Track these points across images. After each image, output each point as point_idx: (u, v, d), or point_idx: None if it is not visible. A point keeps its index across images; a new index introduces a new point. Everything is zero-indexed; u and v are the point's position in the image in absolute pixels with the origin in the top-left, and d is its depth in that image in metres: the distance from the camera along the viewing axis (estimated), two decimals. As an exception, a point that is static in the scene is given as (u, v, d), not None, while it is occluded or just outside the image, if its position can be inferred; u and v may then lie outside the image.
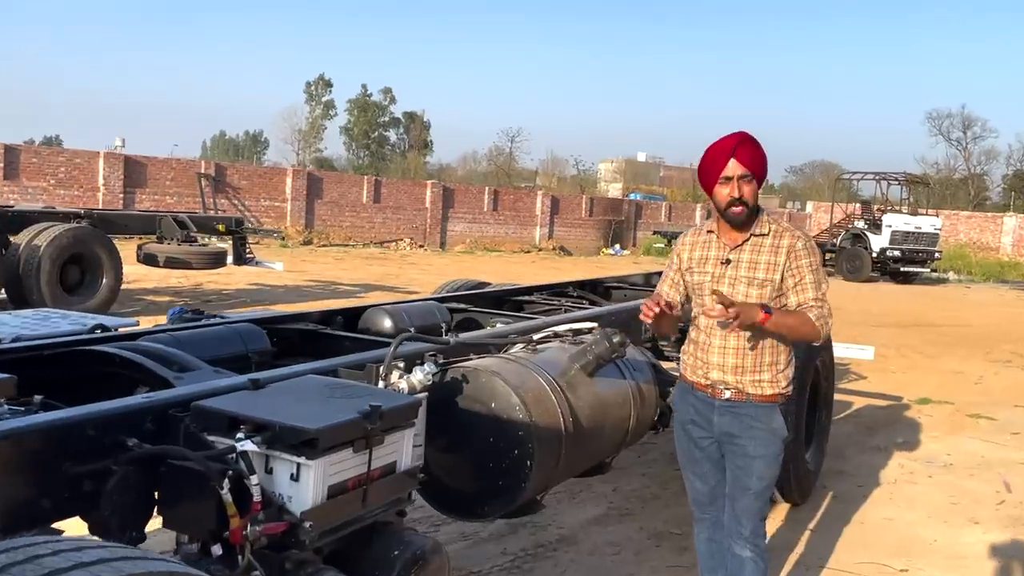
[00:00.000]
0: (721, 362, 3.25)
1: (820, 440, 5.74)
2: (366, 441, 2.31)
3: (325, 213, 29.05)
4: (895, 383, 10.24)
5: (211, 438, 2.25)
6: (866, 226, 29.58)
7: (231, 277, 15.38)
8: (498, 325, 4.26)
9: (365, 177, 32.18)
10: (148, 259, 11.29)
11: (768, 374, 3.23)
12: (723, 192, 3.20)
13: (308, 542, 2.18)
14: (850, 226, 30.76)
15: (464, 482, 3.07)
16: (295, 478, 2.19)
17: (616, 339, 3.38)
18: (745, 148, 3.18)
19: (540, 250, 34.48)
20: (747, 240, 3.24)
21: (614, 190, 69.67)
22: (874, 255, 28.55)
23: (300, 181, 28.47)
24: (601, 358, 3.38)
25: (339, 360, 2.96)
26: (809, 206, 58.79)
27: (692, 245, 3.38)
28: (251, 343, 3.38)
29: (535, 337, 3.70)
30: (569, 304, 5.56)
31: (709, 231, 3.34)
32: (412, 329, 4.16)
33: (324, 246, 27.32)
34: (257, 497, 2.15)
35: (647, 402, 3.80)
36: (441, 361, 3.12)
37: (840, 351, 7.87)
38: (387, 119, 77.40)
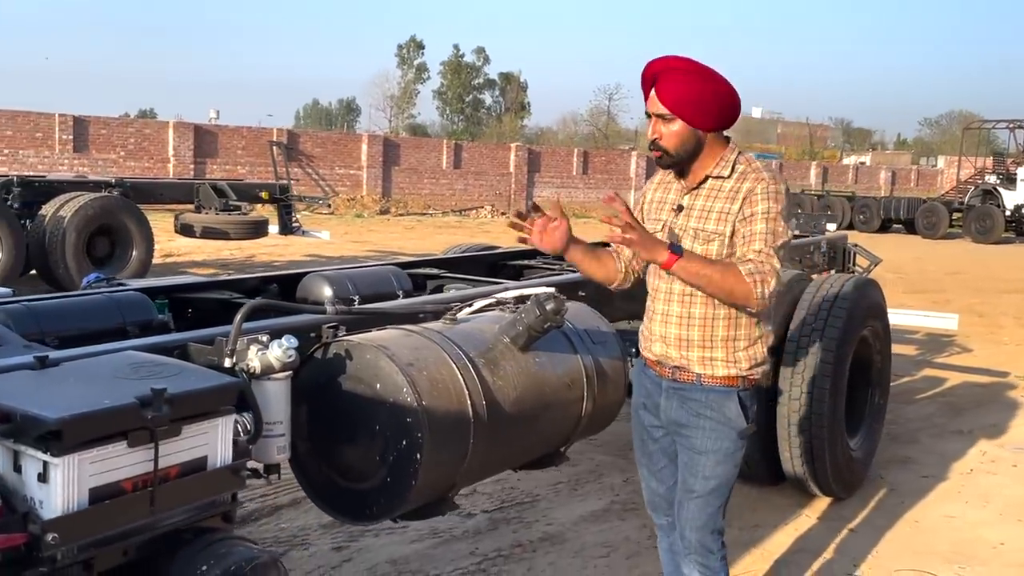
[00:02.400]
0: (664, 332, 2.81)
1: (872, 424, 5.15)
2: (150, 433, 1.97)
3: (403, 180, 29.07)
4: (1006, 357, 9.41)
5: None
6: (998, 181, 27.79)
7: (287, 248, 15.41)
8: (451, 291, 3.88)
9: (444, 141, 32.05)
10: (185, 229, 11.30)
11: (722, 351, 2.74)
12: (647, 131, 2.77)
13: (56, 556, 1.86)
14: (980, 182, 28.98)
15: (348, 478, 2.71)
16: (43, 479, 1.87)
17: (550, 306, 2.94)
18: (669, 80, 2.65)
19: (635, 215, 33.74)
20: (703, 182, 2.75)
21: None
22: (1007, 213, 26.82)
23: (376, 147, 28.52)
24: (533, 329, 2.95)
25: (188, 334, 2.64)
26: (940, 161, 56.03)
27: (657, 185, 2.94)
28: (131, 314, 3.09)
29: (479, 305, 3.30)
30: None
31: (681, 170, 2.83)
32: (356, 299, 3.83)
33: (401, 215, 27.34)
34: (-7, 502, 1.84)
35: (609, 380, 3.34)
36: (328, 334, 2.79)
37: (918, 320, 7.19)
38: (481, 81, 77.18)
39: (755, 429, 2.85)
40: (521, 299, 3.27)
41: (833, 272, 6.46)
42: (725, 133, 2.77)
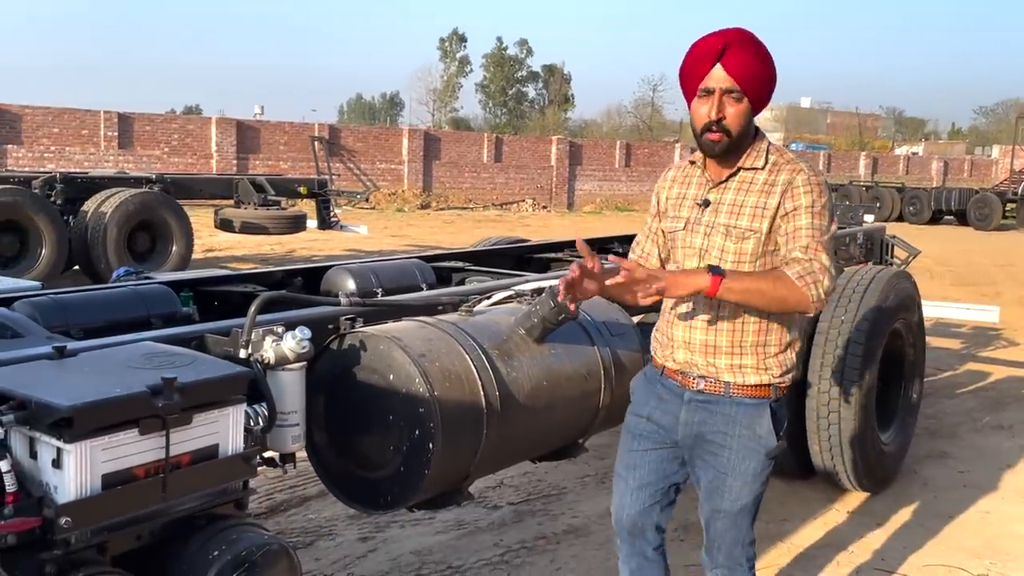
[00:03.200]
0: (687, 338, 2.60)
1: (905, 418, 5.10)
2: (161, 421, 2.04)
3: (443, 174, 29.19)
4: (1055, 350, 9.22)
5: (-18, 416, 2.03)
6: (1055, 170, 27.15)
7: (327, 243, 15.59)
8: (472, 283, 3.93)
9: (485, 135, 32.12)
10: (224, 224, 11.50)
11: (752, 358, 2.55)
12: (700, 110, 2.49)
13: (70, 540, 1.94)
14: (1036, 171, 28.35)
15: (363, 467, 2.77)
16: (57, 465, 1.95)
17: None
18: (738, 52, 2.43)
19: (678, 208, 33.54)
20: (734, 175, 2.55)
21: (773, 140, 66.62)
22: (1063, 204, 26.21)
23: (416, 141, 28.67)
24: (548, 321, 2.99)
25: (205, 326, 2.72)
26: (995, 150, 54.89)
27: (672, 181, 2.73)
28: (155, 307, 3.18)
29: (496, 298, 3.35)
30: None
31: (692, 162, 2.69)
32: (379, 291, 3.90)
33: (442, 209, 27.47)
34: (11, 487, 1.93)
35: (628, 372, 3.36)
36: (345, 326, 2.85)
37: (957, 312, 7.09)
38: (524, 73, 77.19)
39: (785, 447, 2.65)
40: (538, 291, 3.31)
41: (869, 264, 6.40)
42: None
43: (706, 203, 2.59)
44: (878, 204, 28.03)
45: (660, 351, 2.72)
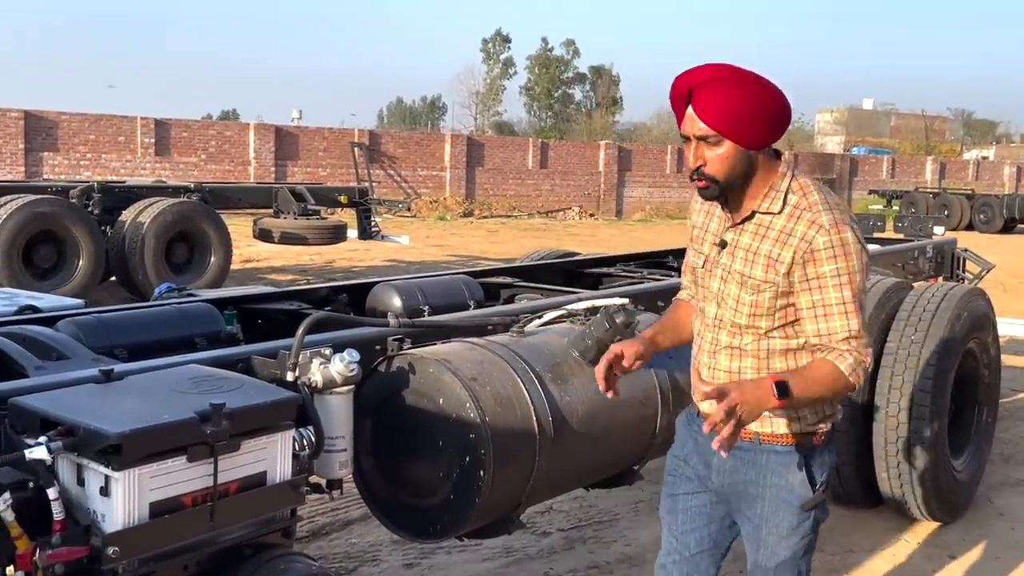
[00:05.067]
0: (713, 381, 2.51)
1: (979, 444, 5.02)
2: (209, 448, 2.08)
3: (487, 181, 29.29)
4: None
5: (30, 441, 2.09)
6: None
7: (368, 253, 15.72)
8: (523, 302, 3.94)
9: (531, 140, 32.21)
10: (263, 235, 11.65)
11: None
12: (687, 157, 2.39)
13: (118, 570, 1.98)
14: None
15: (411, 494, 2.80)
16: (105, 492, 1.99)
17: (619, 319, 2.98)
18: (706, 93, 2.28)
19: (733, 215, 33.34)
20: (749, 218, 2.41)
21: (833, 144, 66.42)
22: None
23: (459, 147, 28.81)
24: (602, 343, 2.99)
25: (252, 347, 2.76)
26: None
27: (700, 208, 2.60)
28: (199, 326, 3.24)
29: (548, 317, 3.36)
30: (659, 275, 5.13)
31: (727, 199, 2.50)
32: (426, 309, 3.93)
33: (485, 217, 27.56)
34: (59, 515, 1.97)
35: (686, 395, 3.35)
36: (393, 347, 2.88)
37: (1017, 329, 6.97)
38: (571, 75, 77.18)
39: (824, 498, 2.52)
40: (592, 311, 3.31)
41: (940, 279, 6.32)
42: (775, 147, 2.44)
43: (723, 244, 2.48)
44: (946, 212, 27.62)
45: (693, 392, 2.57)
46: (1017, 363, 8.92)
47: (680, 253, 5.99)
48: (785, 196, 2.38)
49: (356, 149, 26.36)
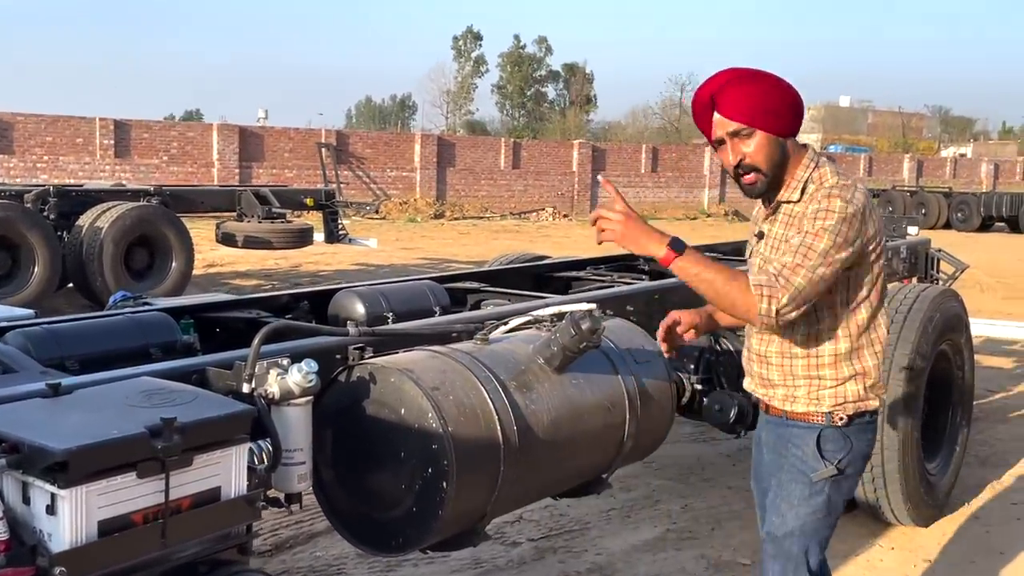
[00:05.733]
0: (749, 369, 2.91)
1: (953, 446, 5.08)
2: (160, 464, 2.07)
3: (458, 182, 29.31)
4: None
5: (-28, 459, 2.06)
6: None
7: (335, 257, 15.67)
8: (489, 308, 3.94)
9: (502, 140, 32.25)
10: (226, 239, 11.58)
11: (804, 390, 2.72)
12: (726, 159, 2.66)
13: (63, 591, 1.96)
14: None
15: (373, 507, 2.79)
16: (51, 511, 1.97)
17: (585, 324, 2.98)
18: (728, 94, 2.58)
19: (708, 215, 33.54)
20: (778, 208, 2.71)
21: (810, 142, 66.31)
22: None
23: (429, 147, 28.82)
24: (568, 350, 3.00)
25: (207, 358, 2.74)
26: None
27: (758, 207, 2.90)
28: (154, 336, 3.21)
29: (514, 324, 3.36)
30: (628, 279, 5.15)
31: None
32: (390, 316, 3.92)
33: (456, 219, 27.56)
34: (3, 535, 1.95)
35: (654, 402, 3.38)
36: (354, 356, 2.87)
37: (1010, 331, 7.06)
38: (544, 73, 77.31)
39: (835, 474, 2.71)
40: (558, 317, 3.32)
41: (914, 280, 6.38)
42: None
43: (760, 235, 2.79)
44: (923, 211, 27.93)
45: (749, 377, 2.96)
46: (993, 363, 9.04)
47: (637, 256, 6.04)
48: (804, 186, 2.64)
49: (323, 150, 26.31)
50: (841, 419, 2.70)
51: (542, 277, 5.26)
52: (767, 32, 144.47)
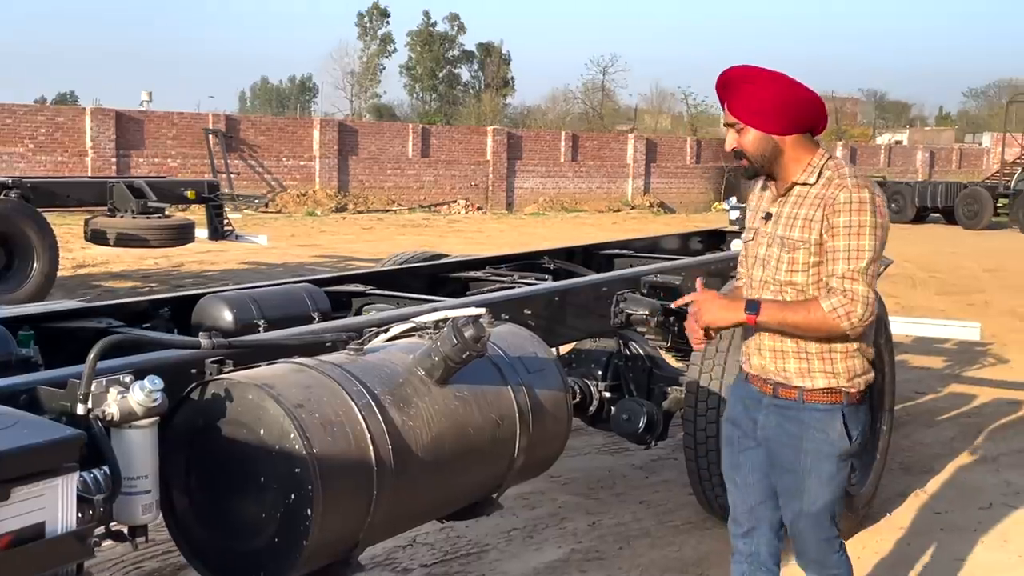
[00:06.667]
0: (758, 343, 3.20)
1: (874, 454, 5.18)
2: (-29, 499, 1.98)
3: (362, 172, 29.09)
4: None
5: None
6: (1050, 161, 27.96)
7: (222, 255, 15.41)
8: (371, 313, 3.90)
9: (410, 126, 32.09)
10: (96, 237, 11.25)
11: (818, 361, 3.09)
12: (727, 140, 3.22)
13: None
14: (1029, 162, 29.18)
15: (232, 537, 2.72)
16: None
17: (468, 332, 2.95)
18: (734, 90, 3.10)
19: (633, 207, 33.90)
20: (790, 189, 3.15)
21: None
22: (1060, 199, 27.00)
23: (330, 134, 28.53)
24: (450, 360, 2.97)
25: (37, 376, 2.65)
26: (987, 139, 56.39)
27: (756, 194, 3.35)
28: (-16, 350, 3.08)
29: (395, 331, 3.32)
30: (532, 279, 5.15)
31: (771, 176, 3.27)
32: (261, 324, 3.84)
33: (360, 212, 27.37)
34: None
35: (548, 414, 3.36)
36: (212, 371, 2.80)
37: (933, 330, 7.25)
38: (457, 53, 77.27)
39: (858, 449, 3.20)
40: (442, 323, 3.28)
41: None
42: (816, 138, 3.20)
43: (768, 216, 3.20)
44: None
45: (743, 356, 3.32)
46: (922, 363, 9.30)
47: (558, 253, 6.06)
48: (820, 171, 3.08)
49: (211, 136, 25.84)
50: (855, 396, 3.13)
51: (437, 278, 5.22)
52: (695, 12, 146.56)
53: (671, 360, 5.54)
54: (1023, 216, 27.47)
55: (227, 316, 3.82)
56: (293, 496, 2.60)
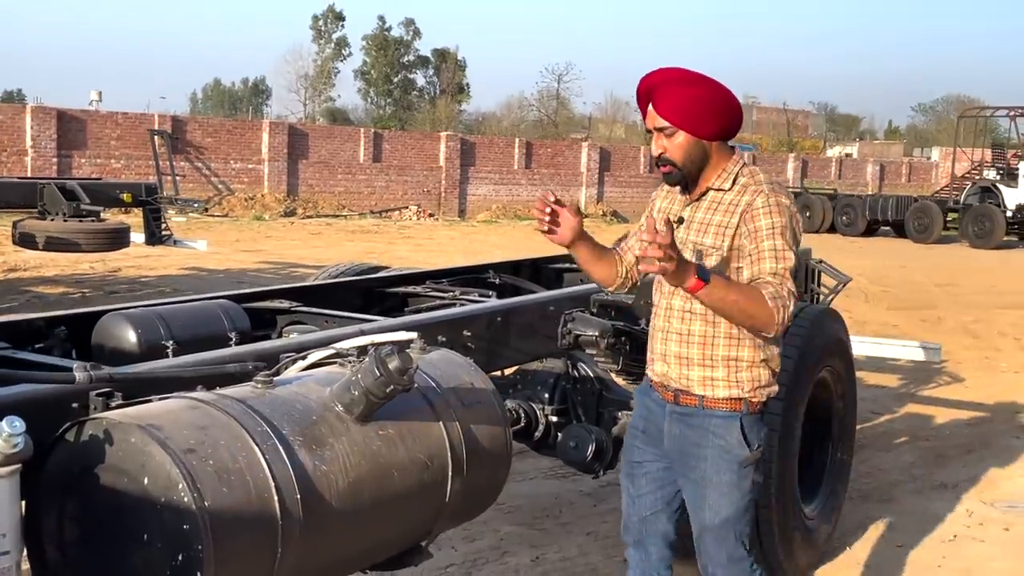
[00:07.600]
0: (663, 350, 3.13)
1: (834, 485, 4.89)
2: None
3: (312, 176, 28.61)
4: (1002, 388, 9.32)
5: None
6: (998, 177, 28.16)
7: (161, 261, 14.89)
8: (292, 336, 3.53)
9: (362, 130, 31.65)
10: (25, 240, 10.68)
11: (723, 370, 3.03)
12: (652, 146, 3.13)
13: None
14: (978, 178, 29.36)
15: (111, 603, 2.34)
16: None
17: (393, 364, 2.60)
18: (665, 93, 3.00)
19: (586, 216, 33.65)
20: (704, 195, 3.10)
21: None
22: (1008, 214, 27.17)
23: (279, 137, 28.02)
24: (372, 394, 2.62)
25: None
26: (935, 153, 57.01)
27: (664, 194, 3.30)
28: None
29: (313, 359, 2.96)
30: (475, 296, 4.80)
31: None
32: (170, 345, 3.46)
33: (309, 217, 26.88)
34: None
35: (485, 452, 3.02)
36: (97, 405, 2.43)
37: (896, 351, 7.02)
38: (412, 59, 76.73)
39: (761, 456, 3.14)
40: (367, 349, 2.93)
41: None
42: (730, 144, 3.11)
43: (680, 220, 3.14)
44: (808, 213, 28.61)
45: (648, 363, 3.24)
46: (877, 381, 9.07)
47: (504, 267, 5.72)
48: (735, 177, 3.05)
49: (156, 137, 25.22)
50: (755, 407, 3.07)
51: (373, 293, 4.86)
52: (651, 21, 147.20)
53: (622, 383, 5.22)
54: (972, 230, 27.53)
55: (131, 337, 3.44)
56: (181, 556, 2.24)
